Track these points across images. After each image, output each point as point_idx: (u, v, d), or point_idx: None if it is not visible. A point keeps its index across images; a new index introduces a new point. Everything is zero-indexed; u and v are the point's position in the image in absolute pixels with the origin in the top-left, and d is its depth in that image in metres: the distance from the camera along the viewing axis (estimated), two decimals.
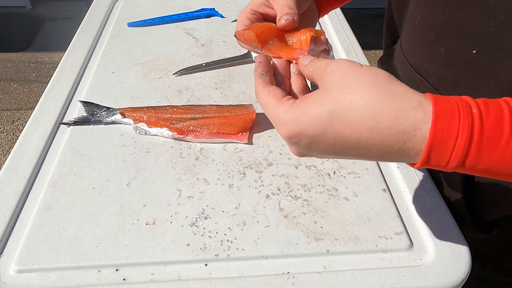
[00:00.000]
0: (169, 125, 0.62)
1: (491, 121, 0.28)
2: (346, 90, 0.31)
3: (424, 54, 0.57)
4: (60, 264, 0.46)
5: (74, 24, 1.01)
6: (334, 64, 0.34)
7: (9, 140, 2.03)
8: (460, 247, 0.48)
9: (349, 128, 0.30)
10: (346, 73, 0.32)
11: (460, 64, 0.50)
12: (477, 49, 0.47)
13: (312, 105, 0.32)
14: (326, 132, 0.31)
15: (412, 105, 0.29)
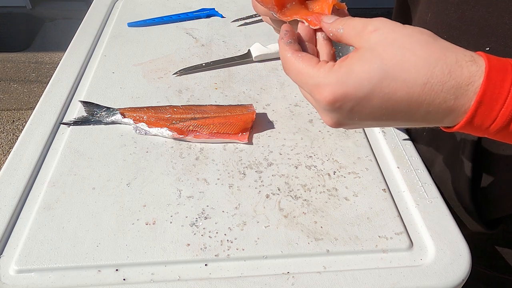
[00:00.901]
0: (169, 125, 0.62)
1: None
2: (395, 48, 0.28)
3: None
4: (60, 264, 0.46)
5: (74, 24, 1.01)
6: (377, 22, 0.31)
7: (9, 140, 2.03)
8: (460, 247, 0.48)
9: (400, 86, 0.28)
10: (393, 30, 0.30)
11: None
12: (490, 47, 0.46)
13: (358, 64, 0.29)
14: (374, 93, 0.28)
15: (466, 59, 0.27)
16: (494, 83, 0.26)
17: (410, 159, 0.60)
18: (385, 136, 0.63)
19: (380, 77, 0.28)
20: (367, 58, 0.29)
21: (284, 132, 0.64)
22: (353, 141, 0.62)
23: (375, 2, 3.07)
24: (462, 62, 0.27)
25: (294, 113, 0.67)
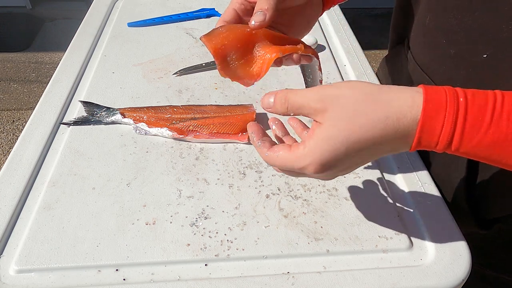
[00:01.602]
0: (169, 125, 0.62)
1: (475, 109, 0.31)
2: (350, 119, 0.34)
3: (433, 55, 0.56)
4: (60, 264, 0.46)
5: (74, 24, 1.01)
6: (323, 103, 0.36)
7: (9, 140, 2.03)
8: (460, 247, 0.48)
9: (365, 143, 0.34)
10: (341, 105, 0.36)
11: (470, 67, 0.50)
12: (488, 53, 0.47)
13: (326, 143, 0.35)
14: (348, 154, 0.35)
15: (408, 106, 0.33)
16: (430, 115, 0.32)
17: (410, 159, 0.60)
18: None
19: (347, 144, 0.34)
20: (330, 135, 0.35)
21: None
22: None
23: (375, 2, 3.07)
24: (405, 111, 0.33)
25: (294, 113, 0.67)
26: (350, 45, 0.86)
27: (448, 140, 0.32)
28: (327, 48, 0.85)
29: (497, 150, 0.32)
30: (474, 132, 0.31)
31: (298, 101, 0.37)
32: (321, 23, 0.94)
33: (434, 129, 0.32)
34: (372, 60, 2.46)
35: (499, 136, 0.31)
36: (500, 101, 0.32)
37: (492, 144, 0.31)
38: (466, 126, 0.31)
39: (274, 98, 0.38)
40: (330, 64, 0.80)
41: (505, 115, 0.31)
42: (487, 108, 0.31)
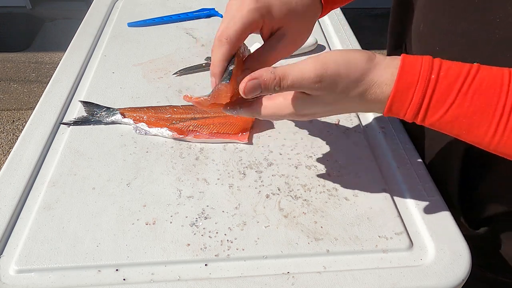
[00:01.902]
0: (169, 125, 0.62)
1: (444, 86, 0.34)
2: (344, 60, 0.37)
3: None
4: (60, 264, 0.46)
5: (74, 24, 1.01)
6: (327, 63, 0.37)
7: (9, 140, 2.03)
8: (460, 247, 0.48)
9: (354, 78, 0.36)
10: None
11: None
12: (479, 61, 0.47)
13: None
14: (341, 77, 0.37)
15: (386, 83, 0.36)
16: (402, 88, 0.35)
17: (410, 159, 0.60)
18: (385, 136, 0.63)
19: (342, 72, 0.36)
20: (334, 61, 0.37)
21: (284, 132, 0.64)
22: (353, 141, 0.62)
23: (375, 2, 3.07)
24: (383, 87, 0.36)
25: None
26: (350, 45, 0.86)
27: (414, 113, 0.35)
28: (327, 48, 0.85)
29: (456, 125, 0.34)
30: (438, 107, 0.34)
31: (296, 81, 0.37)
32: (321, 23, 0.94)
33: (404, 103, 0.35)
34: None
35: (459, 112, 0.34)
36: (471, 77, 0.33)
37: (453, 119, 0.34)
38: (432, 102, 0.34)
39: (268, 76, 0.37)
40: None
41: (471, 92, 0.33)
42: (455, 86, 0.33)
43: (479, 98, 0.33)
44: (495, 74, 0.34)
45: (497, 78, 0.34)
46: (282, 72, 0.36)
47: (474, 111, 0.33)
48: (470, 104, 0.33)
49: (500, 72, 0.34)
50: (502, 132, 0.33)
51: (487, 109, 0.33)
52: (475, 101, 0.33)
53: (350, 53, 0.36)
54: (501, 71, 0.34)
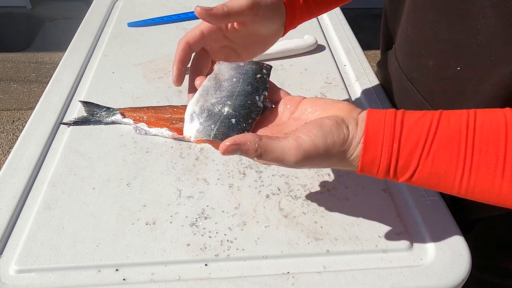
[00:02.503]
0: (169, 125, 0.62)
1: (406, 154, 0.36)
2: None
3: (415, 65, 0.57)
4: (60, 264, 0.46)
5: (74, 24, 1.01)
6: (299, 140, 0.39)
7: (9, 140, 2.03)
8: (460, 247, 0.48)
9: (325, 153, 0.39)
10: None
11: (446, 79, 0.51)
12: (461, 66, 0.48)
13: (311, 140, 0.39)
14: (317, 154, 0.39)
15: (355, 155, 0.38)
16: (368, 160, 0.37)
17: None
18: None
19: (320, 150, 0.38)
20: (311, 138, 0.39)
21: None
22: None
23: (375, 2, 3.07)
24: (353, 158, 0.38)
25: None
26: (350, 45, 0.86)
27: (383, 176, 0.38)
28: (327, 48, 0.85)
29: (425, 183, 0.37)
30: (403, 172, 0.37)
31: (276, 160, 0.38)
32: (321, 23, 0.94)
33: (372, 171, 0.38)
34: (372, 60, 2.46)
35: (423, 174, 0.36)
36: (430, 139, 0.36)
37: (419, 179, 0.37)
38: (397, 169, 0.37)
39: (247, 146, 0.38)
40: (330, 64, 0.80)
41: (431, 155, 0.36)
42: (416, 152, 0.36)
43: (440, 159, 0.36)
44: (453, 127, 0.36)
45: (455, 132, 0.36)
46: (265, 148, 0.38)
47: (437, 172, 0.36)
48: (432, 166, 0.36)
49: (459, 124, 0.36)
50: (466, 185, 0.36)
51: (449, 166, 0.35)
52: (436, 162, 0.36)
53: (329, 136, 0.38)
54: (459, 121, 0.36)
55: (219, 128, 0.42)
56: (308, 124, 0.39)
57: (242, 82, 0.45)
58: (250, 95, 0.44)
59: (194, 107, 0.44)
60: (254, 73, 0.46)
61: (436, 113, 0.37)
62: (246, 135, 0.38)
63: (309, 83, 0.75)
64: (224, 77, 0.46)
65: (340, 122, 0.38)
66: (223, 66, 0.47)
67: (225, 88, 0.45)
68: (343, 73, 0.78)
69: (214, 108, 0.44)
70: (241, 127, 0.42)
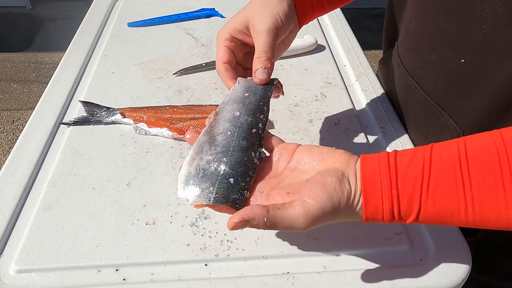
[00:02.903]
0: (169, 125, 0.62)
1: (406, 200, 0.37)
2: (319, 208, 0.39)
3: (418, 60, 0.57)
4: (60, 264, 0.46)
5: (74, 24, 1.01)
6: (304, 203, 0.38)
7: (9, 140, 2.03)
8: (460, 247, 0.48)
9: (331, 216, 0.39)
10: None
11: (450, 73, 0.51)
12: (465, 58, 0.47)
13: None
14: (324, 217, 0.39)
15: (356, 196, 0.38)
16: (371, 210, 0.38)
17: None
18: (385, 136, 0.63)
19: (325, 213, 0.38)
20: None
21: (284, 132, 0.64)
22: (353, 141, 0.62)
23: (375, 2, 3.07)
24: (357, 212, 0.39)
25: (294, 113, 0.67)
26: (350, 45, 0.86)
27: (390, 221, 0.38)
28: (327, 48, 0.85)
29: (432, 221, 0.37)
30: (407, 216, 0.37)
31: (285, 228, 0.38)
32: (321, 23, 0.94)
33: (377, 219, 0.38)
34: (372, 60, 2.46)
35: (428, 214, 0.37)
36: (426, 180, 0.36)
37: (426, 218, 0.37)
38: (401, 214, 0.37)
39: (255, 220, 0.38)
40: (330, 64, 0.80)
41: (431, 196, 0.36)
42: (415, 195, 0.36)
43: (440, 198, 0.36)
44: (446, 162, 0.36)
45: (449, 167, 0.36)
46: (273, 220, 0.37)
47: (440, 209, 0.36)
48: (434, 205, 0.36)
49: (451, 158, 0.36)
50: (472, 216, 0.36)
51: (451, 202, 0.35)
52: (437, 201, 0.36)
53: (334, 196, 0.38)
54: (451, 154, 0.36)
55: (218, 190, 0.40)
56: (311, 185, 0.39)
57: (237, 136, 0.44)
58: (246, 151, 0.43)
59: (189, 167, 0.42)
60: (249, 127, 0.45)
61: (426, 149, 0.37)
62: (253, 209, 0.37)
63: (309, 83, 0.75)
64: (219, 131, 0.45)
65: (341, 178, 0.38)
66: (219, 118, 0.46)
67: (219, 143, 0.44)
68: (343, 73, 0.78)
69: (210, 166, 0.42)
70: (240, 186, 0.41)
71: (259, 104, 0.47)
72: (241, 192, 0.41)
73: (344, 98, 0.71)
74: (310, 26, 0.54)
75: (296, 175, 0.41)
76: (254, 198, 0.41)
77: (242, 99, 0.47)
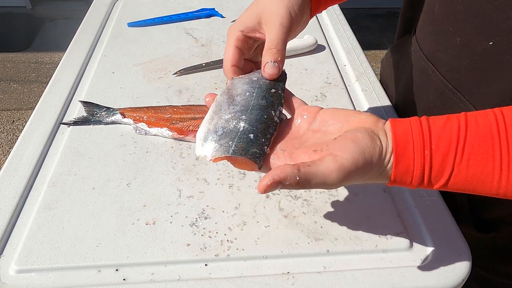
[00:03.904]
0: (169, 125, 0.62)
1: (439, 161, 0.35)
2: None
3: (439, 44, 0.56)
4: (60, 264, 0.46)
5: (74, 24, 1.01)
6: None
7: (9, 140, 2.03)
8: (460, 247, 0.48)
9: (364, 171, 0.38)
10: None
11: (474, 56, 0.50)
12: (494, 40, 0.47)
13: None
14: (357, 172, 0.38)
15: (386, 156, 0.37)
16: (401, 170, 0.37)
17: None
18: None
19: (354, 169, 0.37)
20: None
21: None
22: None
23: (375, 2, 3.07)
24: (387, 170, 0.38)
25: None
26: (350, 45, 0.86)
27: (417, 185, 0.37)
28: (327, 48, 0.85)
29: (461, 188, 0.37)
30: (437, 179, 0.36)
31: (318, 185, 0.37)
32: (321, 23, 0.94)
33: (405, 182, 0.37)
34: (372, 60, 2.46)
35: (459, 178, 0.36)
36: (462, 143, 0.35)
37: (456, 184, 0.36)
38: (432, 177, 0.36)
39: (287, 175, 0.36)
40: (330, 64, 0.80)
41: (465, 160, 0.35)
42: (449, 158, 0.35)
43: (475, 161, 0.35)
44: (483, 127, 0.35)
45: (486, 132, 0.35)
46: (305, 177, 0.36)
47: (473, 174, 0.35)
48: (468, 169, 0.35)
49: (488, 123, 0.35)
50: (505, 183, 0.35)
51: (486, 167, 0.35)
52: (471, 165, 0.35)
53: (367, 151, 0.37)
54: (488, 121, 0.35)
55: (237, 144, 0.39)
56: (341, 141, 0.37)
57: (256, 96, 0.44)
58: (265, 109, 0.42)
59: (208, 125, 0.42)
60: (268, 88, 0.44)
61: (461, 116, 0.36)
62: (283, 169, 0.36)
63: (309, 83, 0.75)
64: (237, 92, 0.44)
65: (372, 135, 0.37)
66: (236, 81, 0.46)
67: (238, 102, 0.43)
68: (343, 73, 0.78)
69: (229, 124, 0.41)
70: (260, 142, 0.40)
71: (273, 83, 0.46)
72: (261, 147, 0.40)
73: (344, 98, 0.71)
74: (310, 26, 0.54)
75: (320, 136, 0.40)
76: (276, 156, 0.39)
77: (256, 80, 0.46)
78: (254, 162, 0.38)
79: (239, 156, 0.39)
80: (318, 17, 0.95)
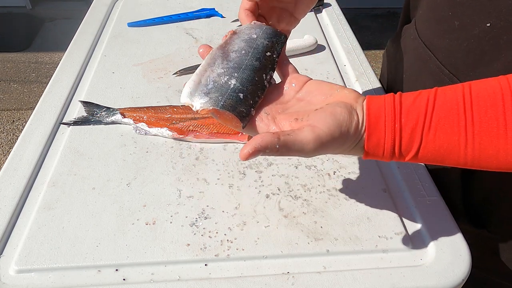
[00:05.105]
0: (169, 125, 0.62)
1: (408, 133, 0.37)
2: None
3: (438, 29, 0.57)
4: (60, 264, 0.46)
5: (74, 24, 1.01)
6: None
7: (9, 140, 2.03)
8: (460, 247, 0.48)
9: (338, 141, 0.40)
10: None
11: (472, 39, 0.50)
12: (491, 22, 0.47)
13: None
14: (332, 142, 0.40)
15: (361, 134, 0.39)
16: (373, 144, 0.39)
17: None
18: None
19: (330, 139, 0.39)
20: None
21: None
22: None
23: (375, 2, 3.07)
24: (360, 129, 0.39)
25: None
26: (350, 45, 0.86)
27: (389, 157, 0.39)
28: (327, 48, 0.85)
29: (431, 158, 0.38)
30: (408, 151, 0.38)
31: (296, 148, 0.39)
32: (321, 23, 0.94)
33: (377, 154, 0.39)
34: (372, 60, 2.46)
35: (428, 150, 0.37)
36: (429, 115, 0.37)
37: (425, 155, 0.38)
38: (402, 149, 0.38)
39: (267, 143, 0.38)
40: (330, 64, 0.80)
41: (432, 130, 0.37)
42: (417, 130, 0.37)
43: (442, 132, 0.36)
44: (450, 99, 0.37)
45: (453, 104, 0.36)
46: (284, 145, 0.38)
47: (441, 144, 0.37)
48: (435, 139, 0.37)
49: (455, 96, 0.37)
50: (471, 151, 0.36)
51: (452, 137, 0.36)
52: (438, 135, 0.36)
53: (343, 124, 0.39)
54: (455, 93, 0.37)
55: (227, 100, 0.41)
56: (321, 113, 0.39)
57: (250, 56, 0.44)
58: (257, 71, 0.43)
59: (200, 77, 0.43)
60: (264, 50, 0.45)
61: (431, 91, 0.38)
62: (264, 137, 0.38)
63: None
64: (233, 48, 0.45)
65: (351, 110, 0.39)
66: (234, 37, 0.46)
67: (232, 59, 0.44)
68: (343, 73, 0.78)
69: (220, 79, 0.42)
70: (248, 103, 0.41)
71: (276, 31, 0.47)
72: (248, 108, 0.41)
73: None
74: (310, 26, 0.54)
75: (304, 105, 0.42)
76: (260, 119, 0.41)
77: (260, 25, 0.47)
78: (239, 120, 0.40)
79: (227, 111, 0.40)
80: (318, 17, 0.95)
